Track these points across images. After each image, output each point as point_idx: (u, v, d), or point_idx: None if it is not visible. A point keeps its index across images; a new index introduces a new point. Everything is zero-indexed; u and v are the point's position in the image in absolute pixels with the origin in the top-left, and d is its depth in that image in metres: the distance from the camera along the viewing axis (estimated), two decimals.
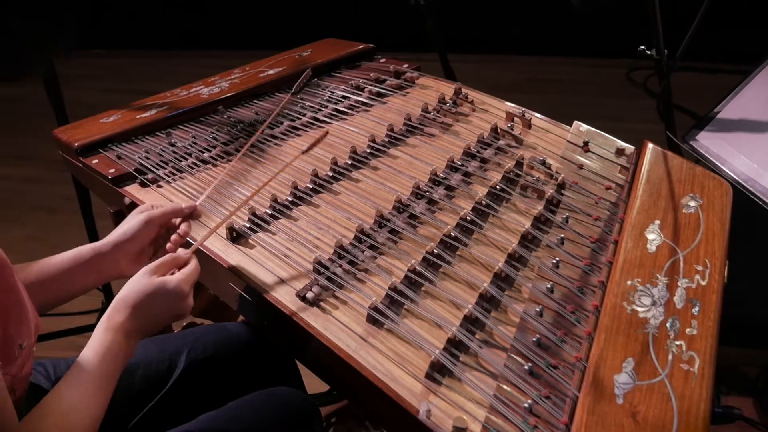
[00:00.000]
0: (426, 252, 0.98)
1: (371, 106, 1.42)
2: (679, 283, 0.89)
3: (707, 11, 1.39)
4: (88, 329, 1.99)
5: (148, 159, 1.30)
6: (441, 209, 1.09)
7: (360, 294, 0.94)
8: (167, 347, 1.15)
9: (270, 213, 1.11)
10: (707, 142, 1.56)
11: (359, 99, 1.44)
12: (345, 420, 1.59)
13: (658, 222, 0.99)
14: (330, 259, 0.99)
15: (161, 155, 1.31)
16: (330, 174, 1.19)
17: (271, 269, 1.00)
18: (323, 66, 1.60)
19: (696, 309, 0.86)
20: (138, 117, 1.43)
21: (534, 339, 0.85)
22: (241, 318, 1.31)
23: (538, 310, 0.89)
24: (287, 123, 1.37)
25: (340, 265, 0.98)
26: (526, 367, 0.81)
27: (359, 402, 1.03)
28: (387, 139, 1.28)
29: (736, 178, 1.45)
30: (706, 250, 0.94)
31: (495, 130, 1.26)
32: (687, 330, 0.83)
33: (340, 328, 0.90)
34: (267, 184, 1.07)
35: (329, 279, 0.96)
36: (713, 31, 2.16)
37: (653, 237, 0.96)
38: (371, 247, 1.01)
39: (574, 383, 0.79)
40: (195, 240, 1.02)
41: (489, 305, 0.91)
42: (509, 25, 3.76)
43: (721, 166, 1.49)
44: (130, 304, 0.89)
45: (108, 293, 1.98)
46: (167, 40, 4.16)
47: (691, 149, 1.56)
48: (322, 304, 0.93)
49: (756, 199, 1.40)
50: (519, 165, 1.15)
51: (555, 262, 0.96)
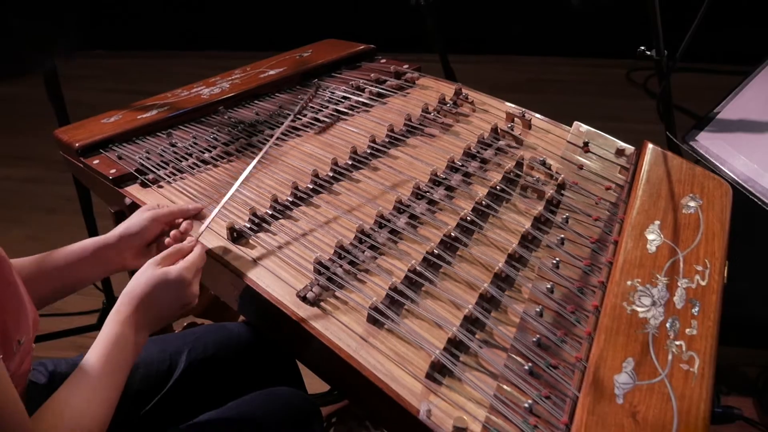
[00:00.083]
0: (426, 252, 0.98)
1: (372, 106, 1.42)
2: (679, 284, 0.89)
3: (707, 11, 1.39)
4: (88, 329, 1.99)
5: (149, 159, 1.30)
6: (441, 209, 1.09)
7: (360, 294, 0.94)
8: (168, 347, 1.15)
9: (270, 213, 1.11)
10: (707, 142, 1.56)
11: (360, 99, 1.44)
12: (345, 420, 1.59)
13: (658, 222, 0.99)
14: (330, 260, 0.99)
15: (162, 155, 1.31)
16: (330, 174, 1.20)
17: (272, 269, 1.00)
18: (324, 66, 1.61)
19: (696, 309, 0.86)
20: (139, 117, 1.43)
21: (534, 339, 0.85)
22: (242, 318, 1.31)
23: (538, 310, 0.89)
24: (288, 123, 1.37)
25: (340, 266, 0.98)
26: (526, 367, 0.82)
27: (360, 402, 1.04)
28: (387, 140, 1.28)
29: (735, 178, 1.45)
30: (705, 250, 0.94)
31: (495, 130, 1.26)
32: (687, 330, 0.83)
33: (340, 328, 0.90)
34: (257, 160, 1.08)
35: (330, 279, 0.96)
36: (713, 32, 2.16)
37: (653, 237, 0.96)
38: (371, 248, 1.01)
39: (574, 383, 0.79)
40: (202, 243, 1.03)
41: (489, 305, 0.91)
42: (509, 26, 3.76)
43: (721, 166, 1.49)
44: (136, 296, 0.91)
45: (109, 293, 1.99)
46: (168, 40, 4.17)
47: (691, 150, 1.56)
48: (322, 304, 0.94)
49: (756, 200, 1.40)
50: (519, 165, 1.16)
51: (555, 262, 0.96)
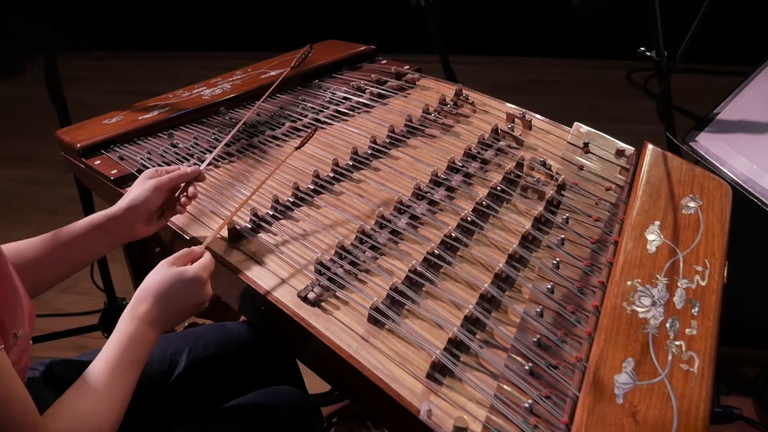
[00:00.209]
0: (427, 252, 0.98)
1: (372, 107, 1.43)
2: (679, 284, 0.90)
3: (707, 13, 1.39)
4: (89, 329, 2.00)
5: (150, 160, 1.30)
6: (442, 210, 1.09)
7: (361, 294, 0.94)
8: (168, 346, 1.15)
9: (271, 214, 1.12)
10: (707, 143, 1.56)
11: (360, 100, 1.44)
12: (346, 420, 1.59)
13: (657, 223, 0.99)
14: (331, 260, 1.00)
15: (163, 156, 1.32)
16: (331, 175, 1.20)
17: (273, 270, 1.01)
18: (325, 67, 1.61)
19: (696, 309, 0.86)
20: (140, 118, 1.44)
21: (534, 339, 0.85)
22: (243, 318, 1.31)
23: (538, 310, 0.89)
24: (288, 124, 1.37)
25: (341, 266, 0.98)
26: (526, 367, 0.82)
27: (360, 402, 1.04)
28: (388, 140, 1.29)
29: (735, 179, 1.45)
30: (705, 250, 0.94)
31: (495, 131, 1.26)
32: (687, 330, 0.84)
33: (341, 328, 0.90)
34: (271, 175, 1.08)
35: (330, 279, 0.97)
36: (713, 33, 2.16)
37: (653, 238, 0.97)
38: (372, 248, 1.02)
39: (574, 383, 0.79)
40: (202, 239, 1.05)
41: (489, 305, 0.91)
42: (510, 27, 3.77)
43: (721, 167, 1.49)
44: (152, 293, 0.91)
45: (110, 293, 1.99)
46: (168, 41, 4.17)
47: (691, 150, 1.57)
48: (323, 304, 0.94)
49: (755, 200, 1.40)
50: (519, 166, 1.16)
51: (555, 262, 0.96)
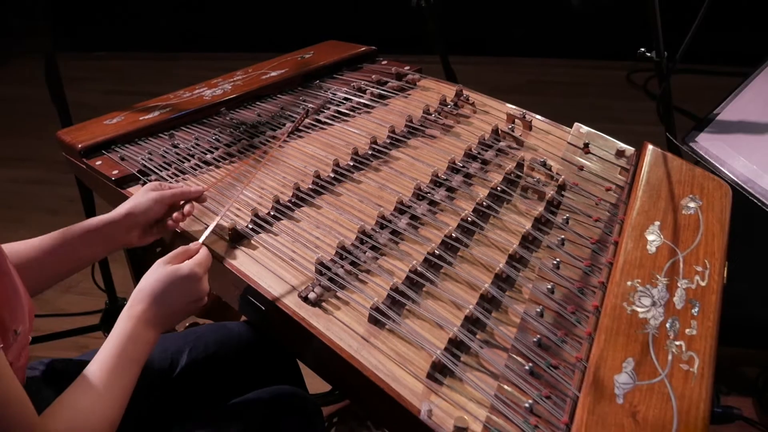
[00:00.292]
0: (427, 253, 0.99)
1: (373, 107, 1.43)
2: (679, 284, 0.90)
3: (707, 13, 1.40)
4: (90, 330, 2.00)
5: (151, 160, 1.30)
6: (442, 210, 1.09)
7: (362, 294, 0.94)
8: (169, 346, 1.16)
9: (272, 214, 1.12)
10: (707, 143, 1.56)
11: (361, 101, 1.44)
12: (347, 420, 1.59)
13: (657, 223, 0.99)
14: (332, 260, 1.00)
15: (164, 156, 1.32)
16: (332, 175, 1.20)
17: (273, 270, 1.01)
18: (325, 68, 1.61)
19: (695, 309, 0.86)
20: (141, 119, 1.44)
21: (534, 339, 0.85)
22: (243, 318, 1.32)
23: (538, 310, 0.89)
24: (289, 125, 1.38)
25: (341, 266, 0.98)
26: (526, 367, 0.82)
27: (361, 402, 1.04)
28: (388, 141, 1.29)
29: (735, 179, 1.45)
30: (705, 251, 0.95)
31: (496, 131, 1.27)
32: (687, 330, 0.84)
33: (341, 328, 0.90)
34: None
35: (331, 280, 0.97)
36: (713, 33, 2.16)
37: (653, 238, 0.97)
38: (373, 248, 1.02)
39: (574, 383, 0.79)
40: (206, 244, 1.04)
41: (490, 306, 0.91)
42: (510, 28, 3.77)
43: (721, 167, 1.50)
44: (148, 293, 0.92)
45: (111, 294, 1.99)
46: (169, 42, 4.18)
47: (691, 151, 1.57)
48: (324, 304, 0.94)
49: (755, 201, 1.41)
50: (520, 166, 1.16)
51: (555, 262, 0.96)
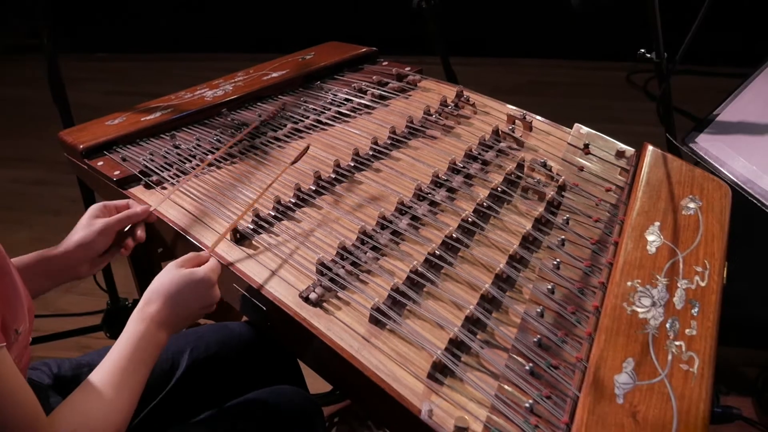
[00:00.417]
0: (428, 253, 0.99)
1: (373, 108, 1.43)
2: (679, 284, 0.90)
3: (707, 14, 1.40)
4: (92, 330, 2.00)
5: (152, 161, 1.31)
6: (442, 211, 1.10)
7: (362, 295, 0.94)
8: (170, 346, 1.16)
9: (273, 215, 1.12)
10: (706, 144, 1.57)
11: (362, 102, 1.45)
12: (347, 420, 1.60)
13: (657, 223, 0.99)
14: (333, 260, 1.00)
15: (166, 157, 1.32)
16: (332, 176, 1.20)
17: (275, 270, 1.01)
18: (326, 69, 1.61)
19: (695, 310, 0.87)
20: (143, 119, 1.44)
21: (535, 339, 0.85)
22: (245, 318, 1.32)
23: (539, 310, 0.89)
24: (290, 125, 1.38)
25: (342, 266, 0.99)
26: (527, 368, 0.82)
27: (362, 402, 1.04)
28: (389, 142, 1.29)
29: (735, 180, 1.45)
30: (705, 251, 0.95)
31: (496, 132, 1.27)
32: (686, 330, 0.84)
33: (342, 328, 0.90)
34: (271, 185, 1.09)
35: (332, 280, 0.97)
36: (713, 34, 2.16)
37: (653, 238, 0.97)
38: (374, 249, 1.02)
39: (574, 383, 0.80)
40: (207, 245, 1.06)
41: (490, 306, 0.92)
42: (510, 28, 3.77)
43: (720, 168, 1.50)
44: (162, 294, 0.91)
45: (113, 294, 1.99)
46: (170, 43, 4.18)
47: (691, 151, 1.57)
48: (324, 304, 0.94)
49: (755, 201, 1.41)
50: (520, 167, 1.16)
51: (556, 263, 0.97)
